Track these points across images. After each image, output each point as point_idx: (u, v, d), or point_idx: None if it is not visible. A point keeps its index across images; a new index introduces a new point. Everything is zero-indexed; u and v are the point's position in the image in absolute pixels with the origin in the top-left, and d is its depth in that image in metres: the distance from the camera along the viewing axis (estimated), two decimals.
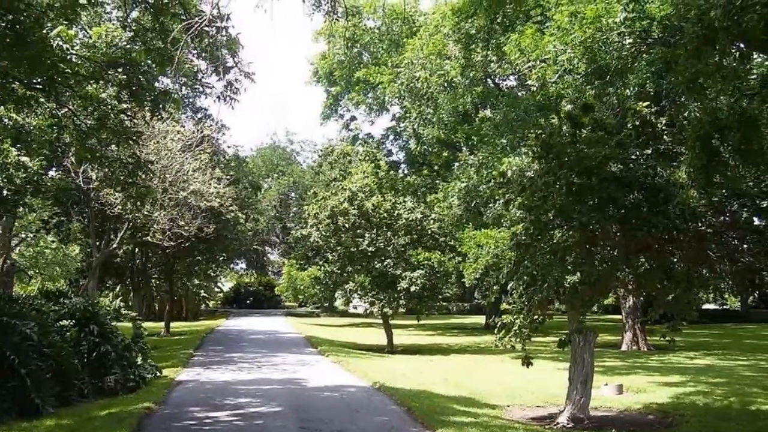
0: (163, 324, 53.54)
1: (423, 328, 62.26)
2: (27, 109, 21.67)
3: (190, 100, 66.79)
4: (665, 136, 18.74)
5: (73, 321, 22.50)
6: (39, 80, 18.58)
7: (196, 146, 45.04)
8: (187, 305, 74.79)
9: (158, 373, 25.41)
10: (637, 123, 18.40)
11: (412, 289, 39.65)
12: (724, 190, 19.24)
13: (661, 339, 18.86)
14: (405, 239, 42.47)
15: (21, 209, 32.29)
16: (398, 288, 40.18)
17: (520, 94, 37.23)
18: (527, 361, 18.31)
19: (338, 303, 72.97)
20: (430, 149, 59.14)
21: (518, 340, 17.87)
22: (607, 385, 23.43)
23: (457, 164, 42.09)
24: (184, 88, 59.49)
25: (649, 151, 18.36)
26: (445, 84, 40.47)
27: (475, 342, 48.42)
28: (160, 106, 20.13)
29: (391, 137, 71.78)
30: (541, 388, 23.71)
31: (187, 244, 45.77)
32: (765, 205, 18.93)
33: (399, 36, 56.30)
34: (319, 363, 31.99)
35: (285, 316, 79.59)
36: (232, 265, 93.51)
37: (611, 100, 23.44)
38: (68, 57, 17.60)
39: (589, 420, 18.26)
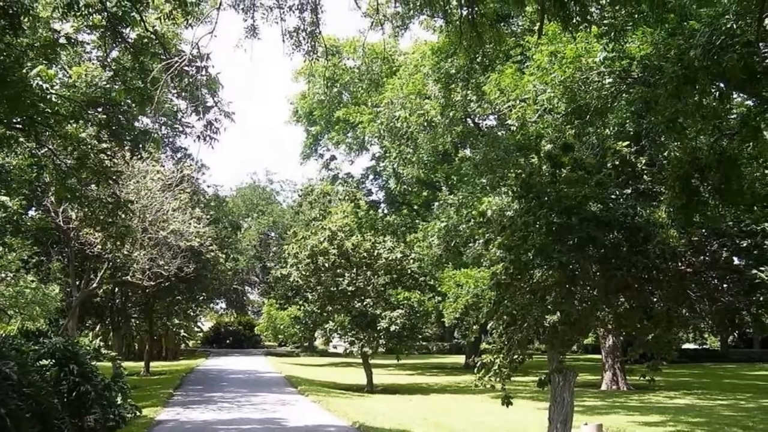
0: (143, 363, 53.30)
1: (403, 367, 62.09)
2: (7, 149, 21.59)
3: (170, 139, 66.67)
4: (645, 176, 18.79)
5: (53, 361, 22.30)
6: (19, 120, 18.53)
7: (175, 186, 44.99)
8: (166, 345, 74.53)
9: (138, 413, 25.25)
10: (617, 162, 18.44)
11: (392, 328, 39.53)
12: (704, 230, 19.32)
13: (641, 378, 18.79)
14: (385, 279, 42.39)
15: (0, 249, 32.09)
16: (378, 327, 40.07)
17: (499, 133, 37.39)
18: (507, 401, 18.21)
19: (318, 342, 72.70)
20: (409, 189, 59.42)
21: (498, 379, 17.78)
22: (587, 424, 23.30)
23: (436, 204, 42.23)
24: (163, 127, 59.77)
25: (629, 191, 18.38)
26: (425, 123, 40.67)
27: (455, 381, 48.31)
28: (140, 145, 20.13)
29: (371, 177, 72.08)
30: (521, 428, 23.63)
31: (166, 284, 45.67)
32: (745, 244, 18.99)
33: (379, 75, 56.55)
34: (298, 402, 31.82)
35: (265, 356, 79.32)
36: (211, 305, 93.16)
37: (591, 140, 23.46)
38: (48, 96, 17.59)
39: None
